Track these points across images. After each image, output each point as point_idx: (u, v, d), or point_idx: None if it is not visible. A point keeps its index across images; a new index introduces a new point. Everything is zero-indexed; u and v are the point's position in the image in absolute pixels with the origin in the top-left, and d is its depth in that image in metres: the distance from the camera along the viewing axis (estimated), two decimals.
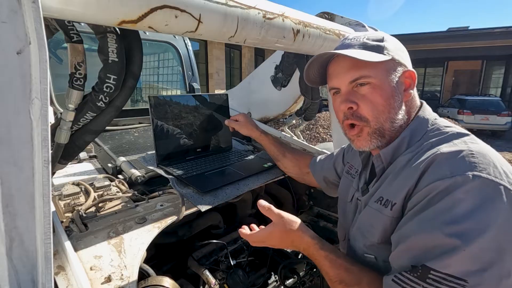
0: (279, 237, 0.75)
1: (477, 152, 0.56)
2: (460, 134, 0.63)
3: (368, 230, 0.71)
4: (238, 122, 1.29)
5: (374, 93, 0.67)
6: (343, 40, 0.75)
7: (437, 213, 0.54)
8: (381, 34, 0.71)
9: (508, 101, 12.56)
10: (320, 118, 7.58)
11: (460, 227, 0.51)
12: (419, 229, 0.56)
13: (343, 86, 0.71)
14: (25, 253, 0.49)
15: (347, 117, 0.71)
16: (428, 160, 0.59)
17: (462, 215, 0.51)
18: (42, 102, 0.46)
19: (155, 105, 1.12)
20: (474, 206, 0.51)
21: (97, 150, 1.47)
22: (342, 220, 0.90)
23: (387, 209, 0.65)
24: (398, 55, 0.69)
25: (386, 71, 0.68)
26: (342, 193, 0.93)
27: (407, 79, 0.70)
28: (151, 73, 2.70)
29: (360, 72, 0.67)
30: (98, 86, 0.74)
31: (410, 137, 0.69)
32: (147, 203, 0.94)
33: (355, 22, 1.26)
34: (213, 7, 0.72)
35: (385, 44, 0.69)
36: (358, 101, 0.69)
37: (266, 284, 1.19)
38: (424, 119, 0.70)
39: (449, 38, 12.89)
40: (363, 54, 0.65)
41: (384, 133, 0.69)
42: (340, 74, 0.71)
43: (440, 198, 0.54)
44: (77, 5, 0.54)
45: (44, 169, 0.48)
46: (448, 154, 0.58)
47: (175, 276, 0.90)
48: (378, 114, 0.68)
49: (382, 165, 0.72)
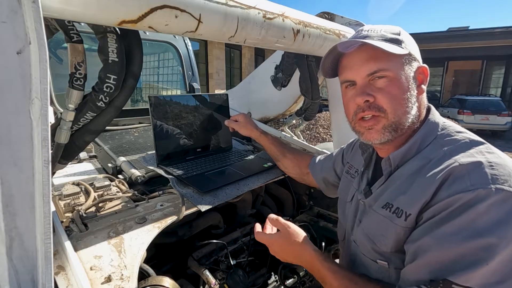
0: (281, 246, 0.76)
1: (496, 163, 0.55)
2: (474, 142, 0.61)
3: (379, 239, 0.69)
4: (237, 122, 1.28)
5: (391, 85, 0.65)
6: (358, 31, 0.72)
7: (459, 227, 0.53)
8: (397, 28, 0.69)
9: (508, 101, 12.55)
10: (320, 118, 7.58)
11: (484, 241, 0.50)
12: (440, 243, 0.54)
13: (360, 79, 0.68)
14: (25, 253, 0.49)
15: (363, 109, 0.68)
16: (446, 172, 0.58)
17: (486, 229, 0.51)
18: (42, 102, 0.46)
19: (155, 105, 1.12)
20: (497, 220, 0.51)
21: (97, 150, 1.47)
22: (342, 219, 0.90)
23: (400, 219, 0.63)
24: (413, 49, 0.68)
25: (403, 65, 0.66)
26: (342, 193, 0.92)
27: (420, 74, 0.68)
28: (151, 73, 2.70)
29: (378, 64, 0.65)
30: (98, 86, 0.74)
31: (421, 142, 0.67)
32: (147, 203, 0.94)
33: (355, 22, 1.26)
34: (213, 7, 0.72)
35: (402, 37, 0.67)
36: (374, 93, 0.66)
37: (266, 284, 1.19)
38: (435, 123, 0.69)
39: (449, 38, 12.89)
40: (386, 46, 0.63)
41: (398, 127, 0.67)
42: (356, 66, 0.68)
43: (462, 211, 0.53)
44: (77, 5, 0.54)
45: (44, 169, 0.48)
46: (467, 166, 0.56)
47: (175, 276, 0.90)
48: (396, 106, 0.65)
49: (390, 169, 0.70)
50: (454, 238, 0.53)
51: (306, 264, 0.74)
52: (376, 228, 0.69)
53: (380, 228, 0.68)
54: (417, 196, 0.61)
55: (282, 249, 0.77)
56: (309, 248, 0.73)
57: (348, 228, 0.84)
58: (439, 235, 0.55)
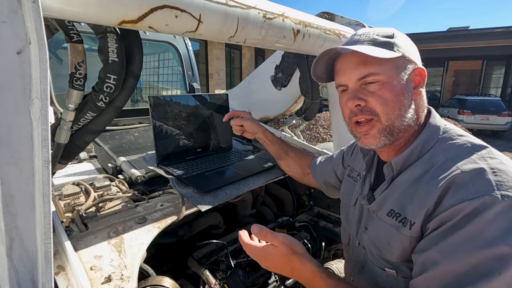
0: (279, 262, 0.69)
1: (499, 169, 0.54)
2: (476, 146, 0.61)
3: (385, 248, 0.67)
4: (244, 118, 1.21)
5: (383, 89, 0.65)
6: (352, 35, 0.72)
7: (468, 237, 0.52)
8: (391, 30, 0.68)
9: (508, 101, 12.56)
10: (320, 118, 7.58)
11: (495, 251, 0.49)
12: (449, 254, 0.53)
13: (351, 83, 0.68)
14: (25, 253, 0.49)
15: (355, 113, 0.68)
16: (448, 180, 0.57)
17: (496, 237, 0.50)
18: (42, 102, 0.46)
19: (155, 105, 1.12)
20: (507, 228, 0.50)
21: (97, 150, 1.47)
22: (345, 224, 0.88)
23: (405, 228, 0.62)
24: (408, 51, 0.66)
25: (396, 68, 0.65)
26: (344, 196, 0.91)
27: (416, 76, 0.67)
28: (151, 73, 2.70)
29: (368, 69, 0.64)
30: (98, 86, 0.74)
31: (422, 146, 0.66)
32: (147, 203, 0.94)
33: (355, 22, 1.27)
34: (213, 7, 0.72)
35: (395, 40, 0.66)
36: (366, 97, 0.66)
37: (266, 284, 1.19)
38: (436, 126, 0.68)
39: (449, 38, 12.88)
40: (372, 50, 0.62)
41: (393, 131, 0.66)
42: (347, 71, 0.68)
43: (469, 221, 0.52)
44: (77, 5, 0.54)
45: (44, 169, 0.48)
46: (470, 173, 0.55)
47: (175, 276, 0.90)
48: (389, 110, 0.65)
49: (392, 174, 0.69)
50: (463, 249, 0.52)
51: (304, 281, 0.69)
52: (383, 236, 0.68)
53: (387, 236, 0.67)
54: (420, 204, 0.60)
55: (278, 264, 0.70)
56: (310, 263, 0.68)
57: (352, 233, 0.82)
58: (447, 246, 0.54)
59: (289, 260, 0.68)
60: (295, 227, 1.38)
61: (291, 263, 0.68)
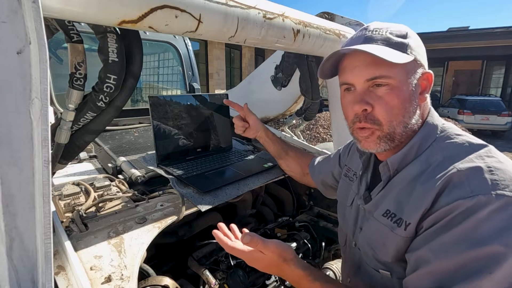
0: (265, 266, 0.70)
1: (496, 168, 0.54)
2: (474, 145, 0.60)
3: (380, 248, 0.67)
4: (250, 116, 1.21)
5: (391, 95, 0.62)
6: (362, 30, 0.67)
7: (460, 235, 0.52)
8: (404, 29, 0.65)
9: (508, 101, 12.56)
10: (320, 118, 7.58)
11: (486, 250, 0.49)
12: (441, 252, 0.53)
13: (359, 84, 0.65)
14: (25, 253, 0.49)
15: (360, 119, 0.66)
16: (445, 179, 0.56)
17: (488, 237, 0.49)
18: (42, 102, 0.46)
19: (155, 105, 1.12)
20: (499, 228, 0.49)
21: (97, 150, 1.47)
22: (342, 224, 0.87)
23: (400, 228, 0.61)
24: (419, 54, 0.64)
25: (407, 73, 0.62)
26: (341, 196, 0.90)
27: (424, 81, 0.65)
28: (151, 73, 2.70)
29: (379, 70, 0.61)
30: (98, 86, 0.74)
31: (419, 145, 0.65)
32: (147, 203, 0.94)
33: (355, 22, 1.26)
34: (213, 7, 0.72)
35: (408, 41, 0.62)
36: (373, 102, 0.63)
37: (266, 284, 1.19)
38: (433, 125, 0.67)
39: (449, 38, 12.88)
40: (388, 53, 0.59)
41: (394, 137, 0.65)
42: (356, 69, 0.64)
43: (463, 219, 0.52)
44: (77, 5, 0.54)
45: (44, 169, 0.48)
46: (466, 172, 0.55)
47: (175, 276, 0.90)
48: (392, 117, 0.63)
49: (388, 174, 0.68)
50: (455, 248, 0.52)
51: (292, 283, 0.70)
52: (377, 237, 0.68)
53: (381, 236, 0.66)
54: (416, 205, 0.59)
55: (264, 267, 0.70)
56: (297, 268, 0.68)
57: (349, 233, 0.82)
58: (440, 244, 0.54)
59: (277, 266, 0.69)
60: (295, 227, 1.38)
61: (279, 267, 0.69)
